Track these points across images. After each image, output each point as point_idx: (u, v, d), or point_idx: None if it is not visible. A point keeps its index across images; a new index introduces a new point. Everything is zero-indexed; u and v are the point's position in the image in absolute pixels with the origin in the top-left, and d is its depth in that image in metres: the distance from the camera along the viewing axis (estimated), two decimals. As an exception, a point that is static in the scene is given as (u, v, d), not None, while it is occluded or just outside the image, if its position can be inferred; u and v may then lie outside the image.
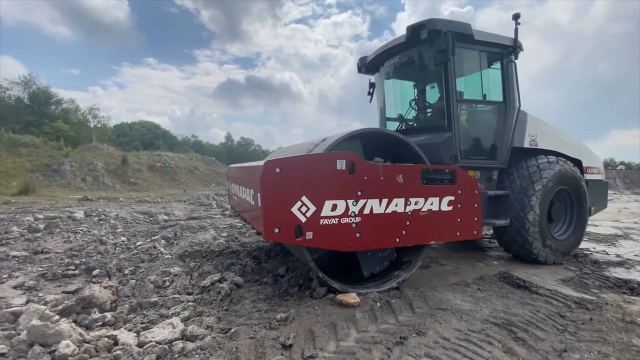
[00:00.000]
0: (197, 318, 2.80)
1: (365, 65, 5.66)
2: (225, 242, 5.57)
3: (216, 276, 3.70)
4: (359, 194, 2.97)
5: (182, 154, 31.92)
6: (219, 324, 2.71)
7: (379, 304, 3.01)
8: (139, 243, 5.65)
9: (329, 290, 3.17)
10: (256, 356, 2.23)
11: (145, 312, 2.94)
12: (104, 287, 3.23)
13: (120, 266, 4.23)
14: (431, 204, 3.29)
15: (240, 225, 7.42)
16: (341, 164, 2.89)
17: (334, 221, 2.87)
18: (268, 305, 3.08)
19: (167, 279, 3.64)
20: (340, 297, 2.99)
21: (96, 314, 2.83)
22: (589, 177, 5.50)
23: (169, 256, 4.61)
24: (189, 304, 3.02)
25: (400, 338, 2.45)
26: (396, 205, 3.13)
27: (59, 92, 42.89)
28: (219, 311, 2.99)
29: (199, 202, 13.60)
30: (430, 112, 5.12)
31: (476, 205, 3.54)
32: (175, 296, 3.22)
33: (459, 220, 3.44)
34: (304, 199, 2.75)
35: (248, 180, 3.66)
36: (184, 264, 4.35)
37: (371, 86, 5.98)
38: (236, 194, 4.78)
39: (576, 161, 5.31)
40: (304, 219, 2.75)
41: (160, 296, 3.27)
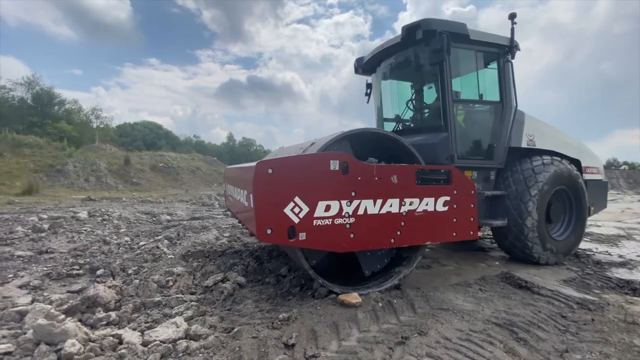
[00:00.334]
0: (201, 317, 2.82)
1: (362, 66, 5.64)
2: (227, 242, 5.60)
3: (219, 276, 3.73)
4: (352, 194, 2.95)
5: (185, 154, 32.01)
6: (221, 323, 2.73)
7: (380, 304, 3.03)
8: (142, 243, 5.69)
9: (331, 291, 3.19)
10: (259, 355, 2.25)
11: (149, 312, 2.96)
12: (108, 287, 3.26)
13: (124, 266, 4.26)
14: (426, 204, 3.27)
15: (242, 225, 7.45)
16: (335, 165, 2.87)
17: (327, 222, 2.85)
18: (270, 305, 3.09)
19: (170, 278, 3.67)
20: (342, 297, 3.01)
21: (101, 313, 2.86)
22: (588, 177, 5.47)
23: (172, 256, 4.64)
24: (192, 303, 3.04)
25: (402, 338, 2.47)
26: (391, 206, 3.11)
27: (62, 93, 43.17)
28: (221, 311, 3.02)
29: (201, 202, 13.65)
30: (427, 112, 5.10)
31: (472, 205, 3.52)
32: (178, 296, 3.24)
33: (454, 220, 3.42)
34: (296, 199, 2.73)
35: (241, 181, 3.65)
36: (187, 264, 4.38)
37: (368, 87, 5.96)
38: (232, 195, 4.77)
39: (575, 161, 5.27)
40: (296, 220, 2.73)
41: (164, 296, 3.29)
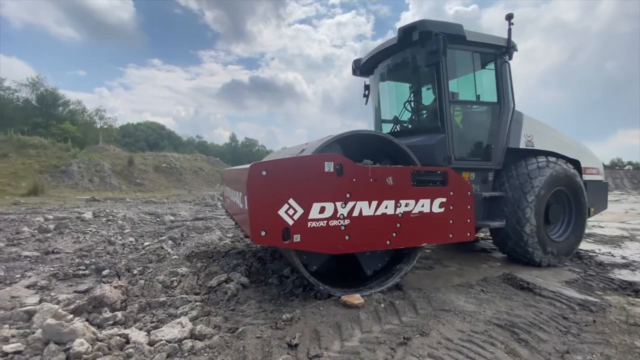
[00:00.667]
0: (205, 318, 2.86)
1: (359, 68, 5.63)
2: (230, 243, 5.64)
3: (223, 277, 3.76)
4: (347, 196, 2.93)
5: (187, 155, 32.18)
6: (226, 323, 2.76)
7: (382, 305, 3.05)
8: (146, 243, 5.75)
9: (333, 292, 3.21)
10: (263, 355, 2.28)
11: (155, 312, 3.01)
12: (114, 287, 3.31)
13: (129, 266, 4.31)
14: (422, 205, 3.25)
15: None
16: (329, 166, 2.86)
17: (322, 224, 2.83)
18: (274, 306, 3.13)
19: (174, 279, 3.71)
20: (345, 298, 3.04)
21: (107, 313, 2.90)
22: (587, 177, 5.44)
23: (176, 257, 4.69)
24: (196, 303, 3.08)
25: (404, 338, 2.50)
26: (386, 207, 3.09)
27: (66, 94, 43.39)
28: (225, 311, 3.05)
29: (204, 202, 13.73)
30: (424, 113, 5.09)
31: (469, 207, 3.51)
32: (183, 296, 3.29)
33: (451, 222, 3.40)
34: (291, 201, 2.72)
35: (237, 183, 3.65)
36: (191, 264, 4.42)
37: (366, 88, 5.95)
38: (229, 196, 4.78)
39: (575, 162, 5.24)
40: (291, 222, 2.72)
41: (169, 296, 3.34)
